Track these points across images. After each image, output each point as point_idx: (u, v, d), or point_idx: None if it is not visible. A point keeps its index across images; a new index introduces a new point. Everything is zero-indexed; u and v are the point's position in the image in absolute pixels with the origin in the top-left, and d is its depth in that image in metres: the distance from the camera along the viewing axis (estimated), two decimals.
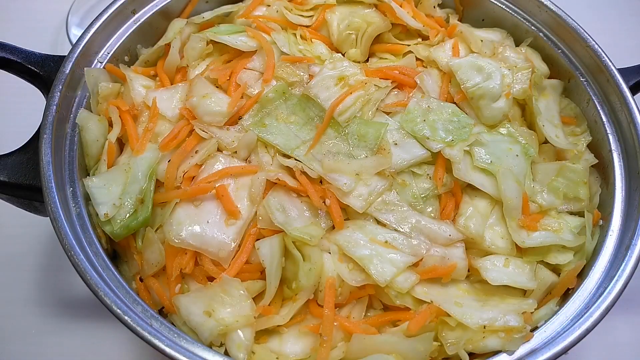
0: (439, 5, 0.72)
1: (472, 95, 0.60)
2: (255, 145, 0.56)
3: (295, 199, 0.53)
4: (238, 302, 0.50)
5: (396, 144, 0.56)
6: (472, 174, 0.56)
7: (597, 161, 0.63)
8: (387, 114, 0.59)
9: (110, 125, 0.59)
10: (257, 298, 0.52)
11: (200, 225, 0.52)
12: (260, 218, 0.53)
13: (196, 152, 0.55)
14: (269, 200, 0.52)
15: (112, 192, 0.54)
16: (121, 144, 0.60)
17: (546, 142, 0.62)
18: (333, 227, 0.54)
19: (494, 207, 0.57)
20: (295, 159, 0.54)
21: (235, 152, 0.56)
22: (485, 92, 0.60)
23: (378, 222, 0.54)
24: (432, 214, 0.55)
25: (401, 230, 0.53)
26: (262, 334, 0.51)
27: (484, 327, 0.49)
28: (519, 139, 0.60)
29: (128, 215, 0.53)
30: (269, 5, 0.67)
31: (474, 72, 0.61)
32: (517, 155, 0.59)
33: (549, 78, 0.68)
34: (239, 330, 0.49)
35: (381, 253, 0.52)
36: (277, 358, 0.50)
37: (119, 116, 0.58)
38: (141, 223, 0.52)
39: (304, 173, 0.54)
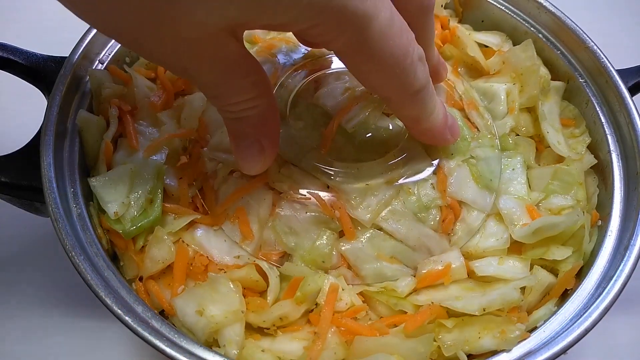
0: (442, 6, 0.72)
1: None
2: None
3: (299, 211, 0.53)
4: (227, 297, 0.50)
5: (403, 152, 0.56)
6: (466, 190, 0.56)
7: (596, 162, 0.63)
8: (389, 115, 0.59)
9: (108, 124, 0.59)
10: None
11: (217, 245, 0.53)
12: (266, 239, 0.53)
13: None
14: (276, 225, 0.53)
15: (119, 191, 0.53)
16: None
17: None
18: (340, 233, 0.53)
19: (489, 217, 0.57)
20: (304, 169, 0.54)
21: None
22: (490, 113, 0.61)
23: (384, 231, 0.54)
24: (432, 223, 0.54)
25: (407, 244, 0.53)
26: (254, 333, 0.51)
27: (484, 310, 0.50)
28: (518, 152, 0.60)
29: (138, 213, 0.53)
30: None
31: (477, 95, 0.62)
32: (513, 169, 0.59)
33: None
34: (229, 327, 0.49)
35: (385, 268, 0.53)
36: (277, 356, 0.50)
37: (118, 116, 0.58)
38: (152, 222, 0.53)
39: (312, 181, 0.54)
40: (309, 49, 0.63)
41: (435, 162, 0.56)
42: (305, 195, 0.53)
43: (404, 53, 0.43)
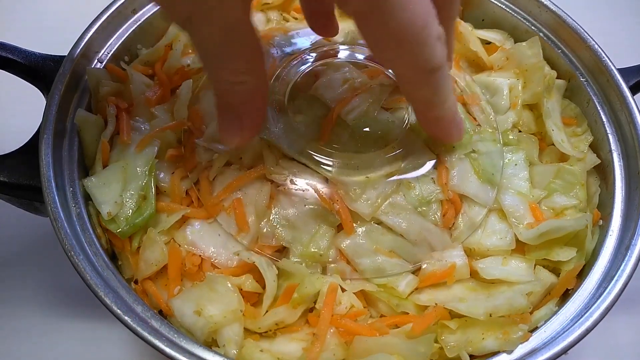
0: None
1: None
2: (260, 151, 0.55)
3: (298, 203, 0.53)
4: (225, 297, 0.49)
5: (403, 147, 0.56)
6: (468, 184, 0.56)
7: (599, 161, 0.62)
8: (388, 109, 0.59)
9: (106, 123, 0.59)
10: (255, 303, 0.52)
11: (211, 240, 0.53)
12: (264, 232, 0.52)
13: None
14: (274, 218, 0.52)
15: (113, 190, 0.53)
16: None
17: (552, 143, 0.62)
18: (338, 227, 0.53)
19: (491, 213, 0.57)
20: (302, 163, 0.54)
21: (241, 158, 0.55)
22: (492, 107, 0.61)
23: (384, 225, 0.53)
24: (433, 218, 0.54)
25: (408, 238, 0.53)
26: (253, 333, 0.51)
27: (490, 315, 0.49)
28: (520, 148, 0.60)
29: (131, 212, 0.53)
30: (263, 11, 0.67)
31: (479, 89, 0.62)
32: (516, 164, 0.59)
33: None
34: (228, 326, 0.49)
35: (384, 262, 0.52)
36: (277, 357, 0.50)
37: (115, 115, 0.58)
38: (147, 219, 0.52)
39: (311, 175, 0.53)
40: (311, 40, 0.63)
41: (436, 155, 0.56)
42: (303, 188, 0.53)
43: (422, 23, 0.41)
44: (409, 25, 0.40)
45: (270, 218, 0.52)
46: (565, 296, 0.55)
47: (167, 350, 0.46)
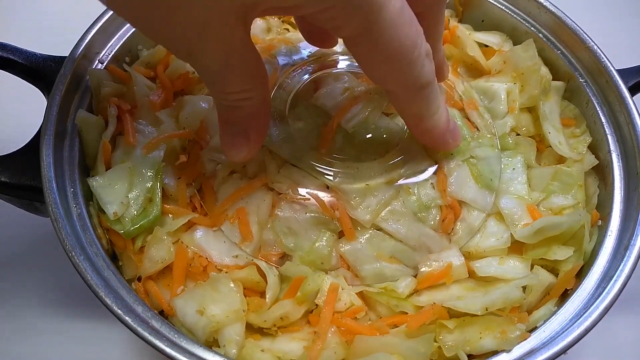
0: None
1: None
2: (263, 159, 0.55)
3: (299, 211, 0.53)
4: (228, 297, 0.50)
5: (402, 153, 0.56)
6: (466, 190, 0.56)
7: (597, 162, 0.63)
8: (388, 115, 0.59)
9: (106, 123, 0.59)
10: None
11: (217, 246, 0.53)
12: (266, 240, 0.53)
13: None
14: (276, 226, 0.53)
15: (118, 191, 0.53)
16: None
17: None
18: (340, 233, 0.53)
19: (490, 216, 0.57)
20: (303, 169, 0.54)
21: (244, 166, 0.55)
22: (491, 112, 0.62)
23: (384, 231, 0.54)
24: (432, 222, 0.54)
25: (407, 244, 0.53)
26: (254, 333, 0.51)
27: (486, 310, 0.50)
28: (518, 152, 0.60)
29: (137, 213, 0.53)
30: (263, 17, 0.67)
31: (477, 95, 0.62)
32: (513, 168, 0.59)
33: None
34: (229, 326, 0.49)
35: (385, 268, 0.52)
36: (277, 356, 0.50)
37: (117, 115, 0.58)
38: (152, 221, 0.53)
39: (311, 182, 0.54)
40: (311, 50, 0.63)
41: (435, 162, 0.56)
42: (304, 196, 0.53)
43: (412, 44, 0.42)
44: (399, 46, 0.42)
45: (273, 226, 0.53)
46: (564, 296, 0.55)
47: (168, 350, 0.46)
